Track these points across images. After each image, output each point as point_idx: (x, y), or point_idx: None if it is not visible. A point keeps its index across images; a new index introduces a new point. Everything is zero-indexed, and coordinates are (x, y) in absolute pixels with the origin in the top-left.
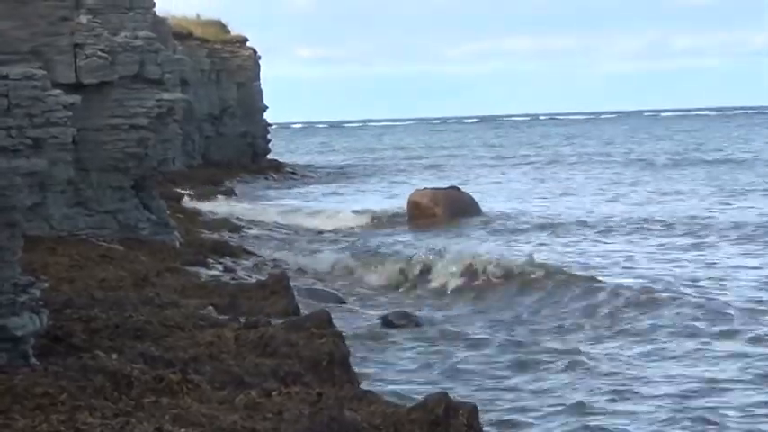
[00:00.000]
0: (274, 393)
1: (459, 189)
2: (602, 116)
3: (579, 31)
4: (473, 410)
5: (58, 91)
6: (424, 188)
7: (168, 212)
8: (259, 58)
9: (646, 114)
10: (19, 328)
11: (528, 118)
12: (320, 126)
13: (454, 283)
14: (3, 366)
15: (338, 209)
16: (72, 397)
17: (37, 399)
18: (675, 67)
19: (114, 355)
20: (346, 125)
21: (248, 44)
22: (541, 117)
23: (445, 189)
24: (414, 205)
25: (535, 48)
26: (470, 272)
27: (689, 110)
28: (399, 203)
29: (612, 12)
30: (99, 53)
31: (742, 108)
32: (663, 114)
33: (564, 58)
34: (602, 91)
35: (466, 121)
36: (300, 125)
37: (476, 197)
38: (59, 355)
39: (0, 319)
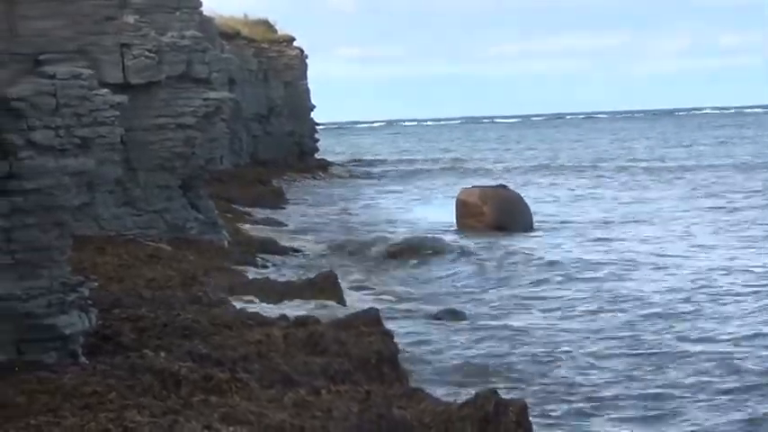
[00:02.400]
0: (323, 391)
1: (506, 187)
2: (641, 114)
3: (623, 30)
4: (523, 407)
5: (105, 90)
6: (473, 186)
7: (216, 212)
8: (306, 57)
9: (693, 113)
10: (68, 327)
11: (571, 116)
12: (363, 126)
13: None
14: (52, 365)
15: None
16: (120, 395)
17: (86, 397)
18: (719, 65)
19: (162, 354)
20: (393, 124)
21: (295, 43)
22: (580, 116)
23: (493, 187)
24: (461, 204)
25: (579, 47)
26: None
27: (729, 108)
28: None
29: (656, 10)
30: (146, 53)
31: None
32: (703, 111)
33: (608, 57)
34: (646, 89)
35: (507, 120)
36: (347, 124)
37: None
38: (108, 353)
39: (49, 318)
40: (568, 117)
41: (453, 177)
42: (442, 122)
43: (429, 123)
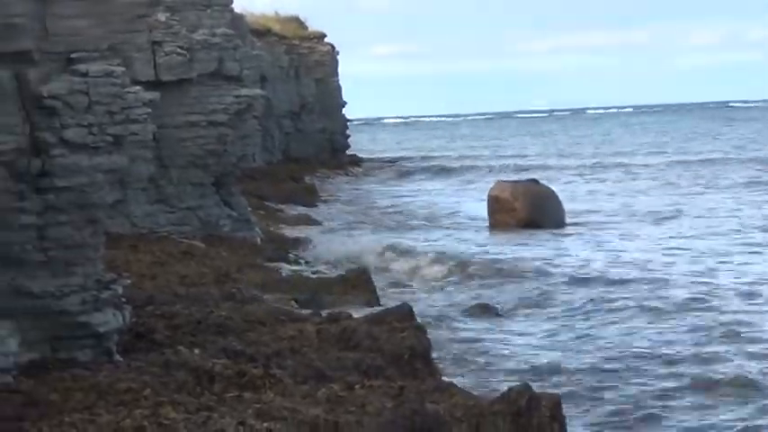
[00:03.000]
0: (356, 387)
1: (538, 182)
2: (682, 108)
3: (653, 25)
4: (557, 402)
5: (137, 87)
6: (504, 181)
7: (249, 209)
8: (337, 53)
9: (729, 105)
10: (102, 325)
11: (603, 111)
12: (396, 121)
13: None
14: (86, 363)
15: None
16: (155, 392)
17: (120, 394)
18: (750, 58)
19: (196, 351)
20: (426, 120)
21: (326, 40)
22: (613, 109)
23: (525, 182)
24: (493, 200)
25: (610, 42)
26: None
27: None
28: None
29: (686, 4)
30: (178, 50)
31: None
32: (733, 105)
33: (639, 51)
34: (679, 83)
35: (538, 115)
36: (377, 120)
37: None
38: (142, 351)
39: (83, 315)
40: (600, 111)
41: (489, 174)
42: (470, 118)
43: (460, 118)
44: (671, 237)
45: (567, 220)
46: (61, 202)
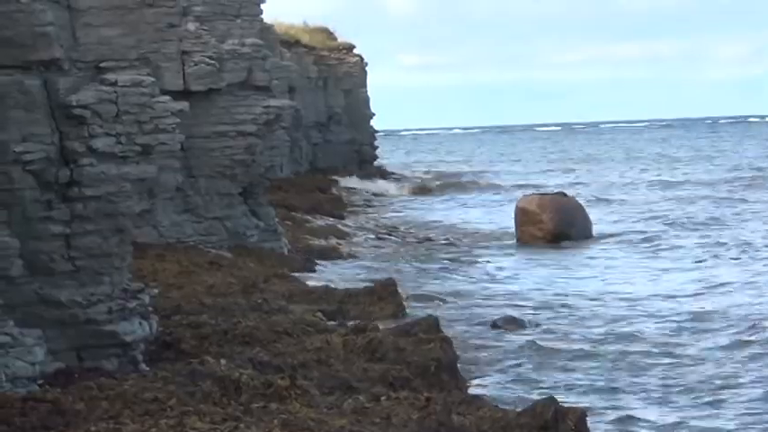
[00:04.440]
0: (383, 398)
1: (566, 194)
2: (717, 122)
3: (682, 38)
4: (582, 416)
5: (166, 97)
6: (532, 194)
7: (276, 219)
8: (366, 64)
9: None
10: (129, 334)
11: (629, 125)
12: (423, 133)
13: None
14: (113, 372)
15: None
16: (181, 402)
17: (146, 404)
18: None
19: (223, 361)
20: (452, 131)
21: (355, 51)
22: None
23: (552, 195)
24: (521, 212)
25: (639, 55)
26: None
27: None
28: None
29: (715, 17)
30: (207, 60)
31: None
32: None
33: (668, 64)
34: (708, 97)
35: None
36: (406, 132)
37: None
38: (168, 360)
39: (110, 324)
40: (638, 125)
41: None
42: (500, 129)
43: (490, 130)
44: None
45: (595, 233)
46: (89, 211)
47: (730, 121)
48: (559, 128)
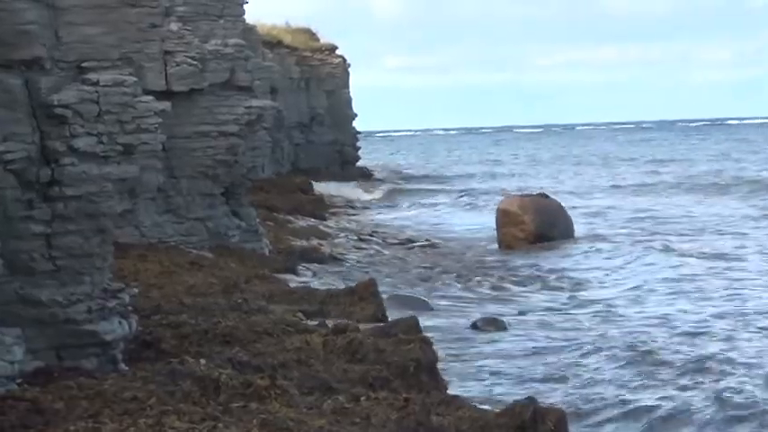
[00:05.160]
0: (362, 399)
1: (547, 196)
2: (691, 123)
3: (666, 41)
4: (561, 416)
5: (148, 97)
6: (513, 195)
7: (258, 220)
8: (348, 65)
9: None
10: (108, 333)
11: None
12: (408, 134)
13: None
14: (92, 371)
15: None
16: (160, 401)
17: (125, 403)
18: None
19: (203, 361)
20: (436, 133)
21: (338, 52)
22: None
23: (533, 196)
24: (502, 213)
25: (623, 57)
26: None
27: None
28: None
29: (699, 22)
30: (189, 60)
31: None
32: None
33: (652, 67)
34: (692, 100)
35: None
36: (386, 133)
37: None
38: (148, 360)
39: (90, 324)
40: (615, 127)
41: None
42: (484, 131)
43: (467, 132)
44: None
45: (577, 234)
46: (70, 211)
47: (707, 124)
48: (541, 129)
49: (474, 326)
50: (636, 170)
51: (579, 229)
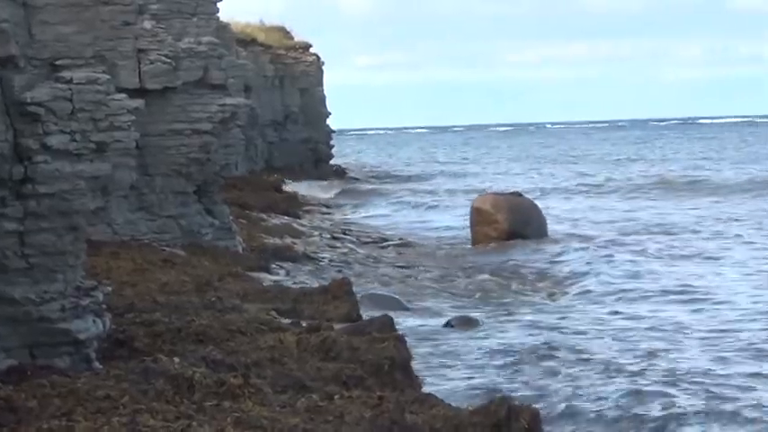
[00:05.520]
0: (336, 397)
1: (521, 194)
2: (662, 122)
3: (638, 39)
4: (535, 415)
5: (122, 95)
6: (487, 193)
7: (231, 218)
8: (322, 63)
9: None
10: (82, 332)
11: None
12: (379, 133)
13: None
14: (65, 369)
15: None
16: (133, 400)
17: (99, 401)
18: (736, 73)
19: (176, 359)
20: (408, 131)
21: (311, 50)
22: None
23: (507, 195)
24: (476, 212)
25: (593, 54)
26: None
27: (749, 117)
28: None
29: (672, 19)
30: (162, 59)
31: None
32: (722, 121)
33: (623, 64)
34: (663, 98)
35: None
36: (359, 131)
37: None
38: (122, 358)
39: (63, 322)
40: (587, 125)
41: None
42: (455, 129)
43: (441, 130)
44: None
45: (550, 233)
46: (43, 208)
47: (679, 123)
48: (511, 128)
49: (448, 324)
50: (608, 169)
51: (553, 227)
